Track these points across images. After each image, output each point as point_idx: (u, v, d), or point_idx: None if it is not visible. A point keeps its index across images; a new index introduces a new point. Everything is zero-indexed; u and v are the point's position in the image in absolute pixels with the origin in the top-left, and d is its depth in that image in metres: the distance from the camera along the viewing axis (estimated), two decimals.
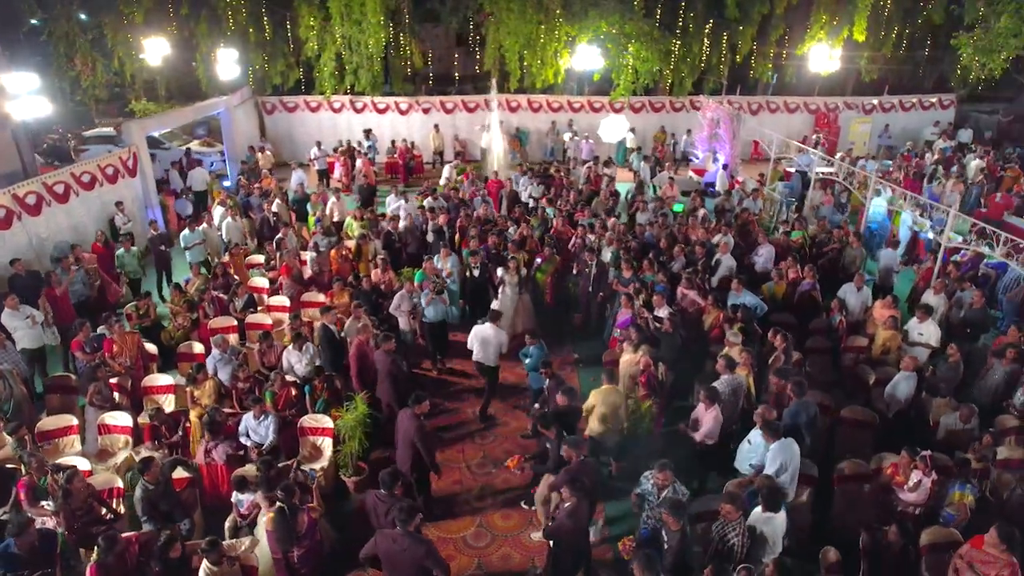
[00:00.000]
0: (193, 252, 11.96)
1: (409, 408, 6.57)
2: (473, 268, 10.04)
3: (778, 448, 6.25)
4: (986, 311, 9.38)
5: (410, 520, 5.04)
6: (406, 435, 6.56)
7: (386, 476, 5.61)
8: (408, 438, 6.53)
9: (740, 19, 20.11)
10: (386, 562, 5.19)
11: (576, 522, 5.61)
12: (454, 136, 21.56)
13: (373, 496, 5.67)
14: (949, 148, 19.42)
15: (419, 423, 6.50)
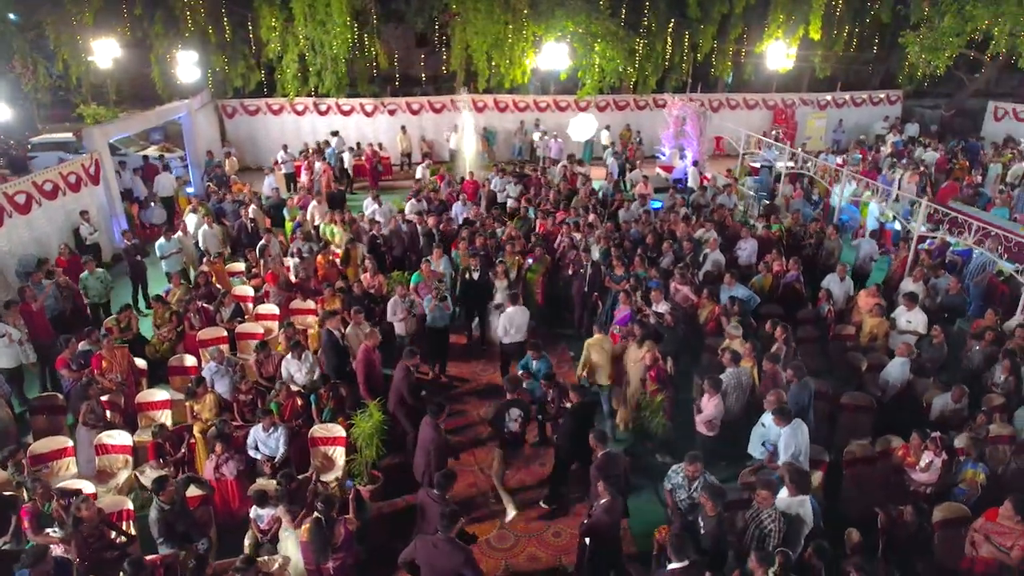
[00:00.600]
0: (170, 262, 11.53)
1: (432, 418, 6.53)
2: (473, 271, 9.95)
3: (790, 432, 6.44)
4: (962, 296, 9.85)
5: (452, 526, 5.02)
6: (423, 443, 6.52)
7: (441, 478, 5.63)
8: (425, 446, 6.50)
9: (701, 18, 20.58)
10: (425, 567, 5.14)
11: (611, 518, 5.66)
12: (421, 137, 21.40)
13: (425, 495, 5.69)
14: (901, 142, 20.29)
15: (437, 434, 6.49)
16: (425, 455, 6.48)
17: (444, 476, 5.68)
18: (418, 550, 5.12)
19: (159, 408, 7.96)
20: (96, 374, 7.94)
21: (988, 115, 22.44)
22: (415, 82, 23.71)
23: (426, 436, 6.49)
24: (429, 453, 6.45)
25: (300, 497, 6.21)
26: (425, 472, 6.53)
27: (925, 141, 19.69)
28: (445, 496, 5.57)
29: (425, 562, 5.08)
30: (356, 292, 10.07)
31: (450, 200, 14.68)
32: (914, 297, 9.11)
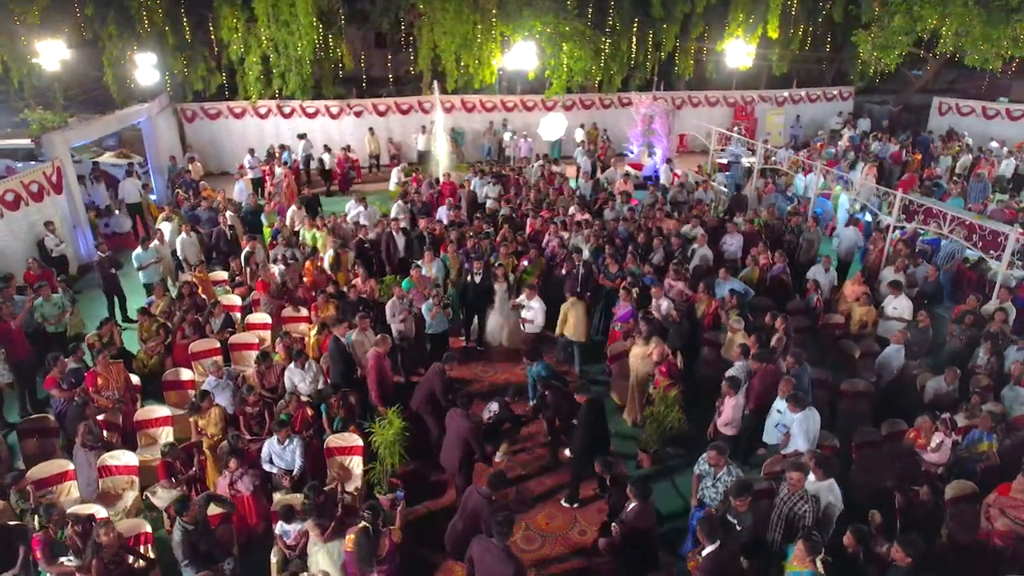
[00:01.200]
0: (148, 272, 11.07)
1: (459, 408, 6.53)
2: (475, 273, 9.88)
3: (803, 417, 6.64)
4: (939, 284, 10.30)
5: (508, 534, 5.04)
6: (457, 434, 6.51)
7: (494, 477, 5.68)
8: (460, 436, 6.51)
9: (664, 17, 20.92)
10: (479, 566, 5.15)
11: (643, 523, 5.71)
12: (388, 139, 21.15)
13: (475, 492, 5.72)
14: (857, 136, 21.10)
15: (473, 422, 6.56)
16: (460, 447, 6.49)
17: (496, 476, 5.76)
18: (473, 549, 5.15)
19: (159, 425, 7.65)
20: (91, 392, 7.57)
21: (933, 110, 23.55)
22: (381, 83, 23.39)
23: (459, 428, 6.51)
24: (464, 444, 6.47)
25: (328, 510, 6.07)
26: (461, 465, 6.55)
27: (879, 135, 20.50)
28: (493, 497, 5.61)
29: (480, 562, 5.10)
30: (350, 298, 9.89)
31: (431, 202, 14.59)
32: (898, 285, 9.49)
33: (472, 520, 5.69)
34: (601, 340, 10.53)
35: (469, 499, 5.77)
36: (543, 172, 16.20)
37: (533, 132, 20.89)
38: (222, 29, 18.45)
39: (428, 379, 7.50)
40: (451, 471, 6.77)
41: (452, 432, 6.63)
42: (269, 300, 10.07)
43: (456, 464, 6.61)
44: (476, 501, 5.67)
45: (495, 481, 5.76)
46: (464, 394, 6.78)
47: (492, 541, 4.99)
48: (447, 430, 6.76)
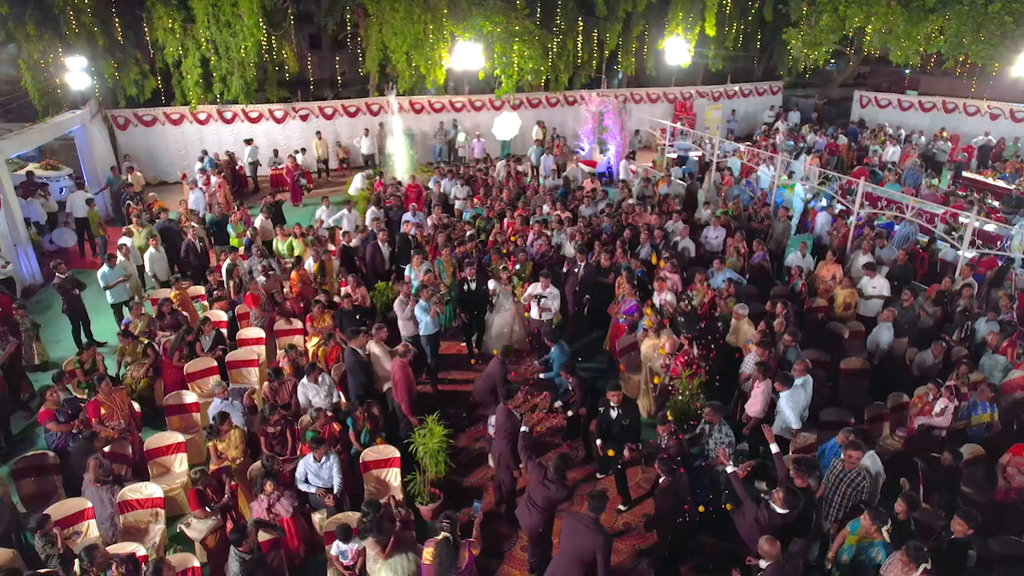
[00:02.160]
0: (115, 291, 10.38)
1: (506, 404, 6.52)
2: (470, 280, 9.77)
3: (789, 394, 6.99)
4: (908, 266, 11.02)
5: (601, 508, 5.29)
6: (505, 430, 6.53)
7: (559, 460, 5.86)
8: (509, 432, 6.53)
9: (607, 16, 21.35)
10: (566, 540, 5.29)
11: (676, 498, 5.88)
12: (336, 143, 20.61)
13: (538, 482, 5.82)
14: (794, 129, 22.25)
15: (518, 420, 6.56)
16: (508, 442, 6.53)
17: (562, 459, 5.88)
18: (564, 522, 5.32)
19: (172, 453, 7.19)
20: (94, 423, 7.03)
21: (855, 103, 25.15)
22: (327, 85, 22.73)
23: (505, 424, 6.55)
24: (511, 440, 6.52)
25: (386, 526, 5.89)
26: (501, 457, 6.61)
27: (815, 127, 21.71)
28: (563, 480, 5.75)
29: (568, 535, 5.24)
30: (346, 307, 9.59)
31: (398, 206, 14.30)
32: (873, 265, 10.13)
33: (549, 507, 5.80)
34: (598, 336, 10.72)
35: (540, 491, 5.78)
36: (509, 171, 16.20)
37: (482, 132, 20.91)
38: (156, 30, 17.42)
39: (491, 371, 7.45)
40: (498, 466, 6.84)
41: (499, 428, 6.69)
42: (260, 314, 9.63)
43: (506, 463, 6.68)
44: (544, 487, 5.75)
45: (560, 464, 5.83)
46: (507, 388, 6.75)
47: (586, 513, 5.21)
48: (495, 426, 6.82)
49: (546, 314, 9.60)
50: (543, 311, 9.59)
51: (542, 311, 9.59)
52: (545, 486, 5.76)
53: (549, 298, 9.62)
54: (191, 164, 18.59)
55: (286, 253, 11.87)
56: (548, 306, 9.61)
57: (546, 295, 9.58)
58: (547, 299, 9.58)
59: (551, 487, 5.74)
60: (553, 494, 5.73)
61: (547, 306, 9.63)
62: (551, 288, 9.60)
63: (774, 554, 4.91)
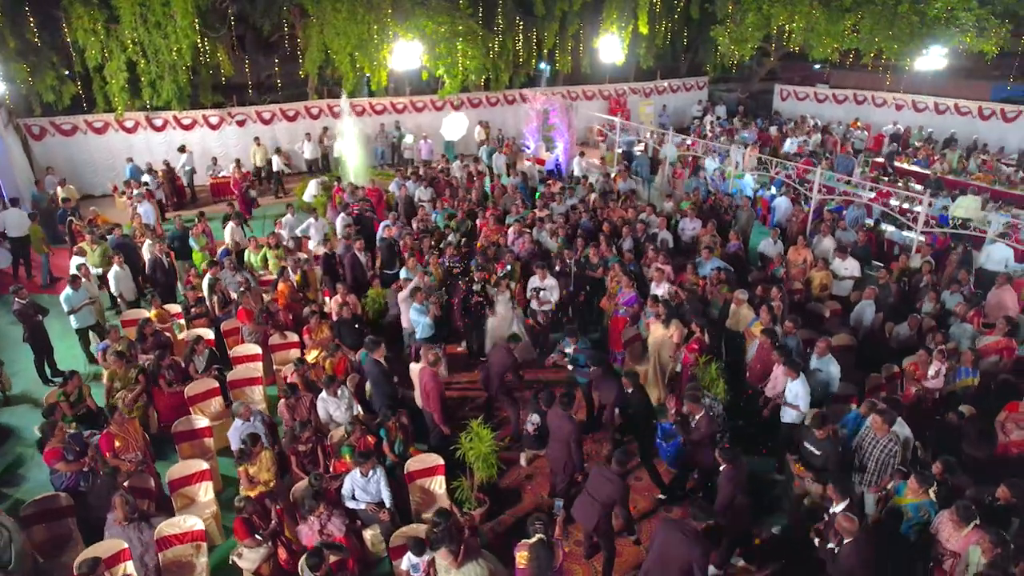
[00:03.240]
0: (81, 315, 9.58)
1: (563, 409, 6.52)
2: (476, 283, 9.68)
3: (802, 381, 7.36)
4: (867, 247, 11.83)
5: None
6: (560, 434, 6.56)
7: (621, 455, 5.91)
8: (564, 437, 6.54)
9: (545, 15, 21.63)
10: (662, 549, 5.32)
11: (738, 486, 6.11)
12: (276, 148, 19.77)
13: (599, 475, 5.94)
14: (726, 122, 23.34)
15: (575, 424, 6.55)
16: (565, 446, 6.53)
17: (623, 453, 5.94)
18: (658, 532, 5.36)
19: (196, 482, 6.75)
20: (109, 457, 6.49)
21: (776, 96, 26.68)
22: (264, 89, 21.77)
23: (562, 428, 6.53)
24: (568, 445, 6.52)
25: (455, 535, 5.79)
26: (567, 464, 6.59)
27: (745, 121, 22.85)
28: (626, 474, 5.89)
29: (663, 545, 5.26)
30: (346, 316, 9.30)
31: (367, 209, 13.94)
32: (844, 249, 10.83)
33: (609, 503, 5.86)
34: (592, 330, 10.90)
35: (603, 485, 5.85)
36: (470, 171, 16.12)
37: (428, 133, 20.69)
38: (76, 31, 16.12)
39: (499, 363, 7.37)
40: (556, 469, 6.80)
41: (555, 431, 6.66)
42: (255, 329, 9.18)
43: (561, 463, 6.67)
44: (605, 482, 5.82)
45: (623, 457, 5.92)
46: (567, 393, 6.72)
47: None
48: (550, 430, 6.77)
49: (545, 306, 9.64)
50: (542, 304, 9.63)
51: (541, 304, 9.64)
52: (608, 481, 5.84)
53: (548, 290, 9.67)
54: (119, 175, 17.43)
55: (259, 265, 11.34)
56: (547, 298, 9.66)
57: (544, 287, 9.65)
58: (546, 291, 9.63)
59: (614, 482, 5.82)
60: (616, 489, 5.80)
61: (546, 299, 9.69)
62: (548, 279, 9.66)
63: (853, 531, 5.19)
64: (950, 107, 21.93)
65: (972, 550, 5.28)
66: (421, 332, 8.96)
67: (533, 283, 9.73)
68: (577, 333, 8.51)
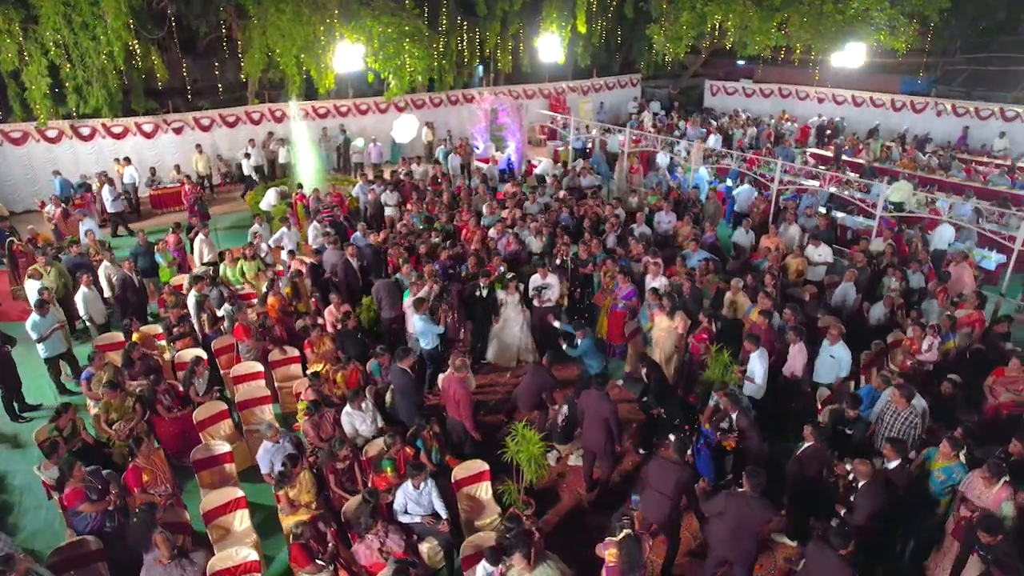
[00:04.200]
0: (51, 343, 8.82)
1: (598, 390, 6.62)
2: (483, 288, 9.58)
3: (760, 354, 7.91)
4: (829, 232, 12.55)
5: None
6: (599, 415, 6.67)
7: (679, 443, 6.04)
8: (602, 418, 6.65)
9: (487, 15, 21.63)
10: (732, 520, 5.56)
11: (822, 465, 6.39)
12: (217, 156, 18.86)
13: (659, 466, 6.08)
14: (663, 118, 24.10)
15: (614, 404, 6.70)
16: (604, 429, 6.68)
17: (681, 441, 6.10)
18: (728, 506, 5.53)
19: (231, 510, 6.37)
20: (137, 493, 6.02)
21: (706, 92, 27.79)
22: (201, 94, 20.62)
23: (600, 410, 6.66)
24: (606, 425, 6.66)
25: (527, 538, 5.76)
26: (606, 446, 6.73)
27: (688, 116, 23.69)
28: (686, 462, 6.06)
29: (735, 516, 5.47)
30: (349, 327, 9.02)
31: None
32: (817, 235, 11.46)
33: (676, 494, 5.99)
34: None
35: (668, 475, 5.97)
36: (435, 173, 15.93)
37: (373, 136, 20.27)
38: None
39: (536, 383, 7.33)
40: (597, 453, 6.93)
41: (593, 414, 6.75)
42: (254, 345, 8.74)
43: (602, 445, 6.81)
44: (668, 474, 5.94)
45: (680, 446, 6.09)
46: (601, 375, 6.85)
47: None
48: (585, 413, 6.87)
49: (547, 304, 9.69)
50: (544, 302, 9.67)
51: (543, 302, 9.67)
52: (671, 472, 5.97)
53: (550, 288, 9.73)
54: (43, 190, 16.13)
55: (237, 279, 10.79)
56: (549, 296, 9.71)
57: (548, 284, 9.69)
58: (548, 289, 9.68)
59: (678, 472, 5.96)
60: (681, 478, 5.94)
61: (548, 296, 9.74)
62: (550, 276, 9.71)
63: (868, 473, 5.58)
64: (866, 100, 23.60)
65: (1005, 504, 5.76)
66: (430, 343, 8.80)
67: (535, 282, 9.74)
68: (586, 327, 8.59)
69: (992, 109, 20.95)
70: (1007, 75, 22.87)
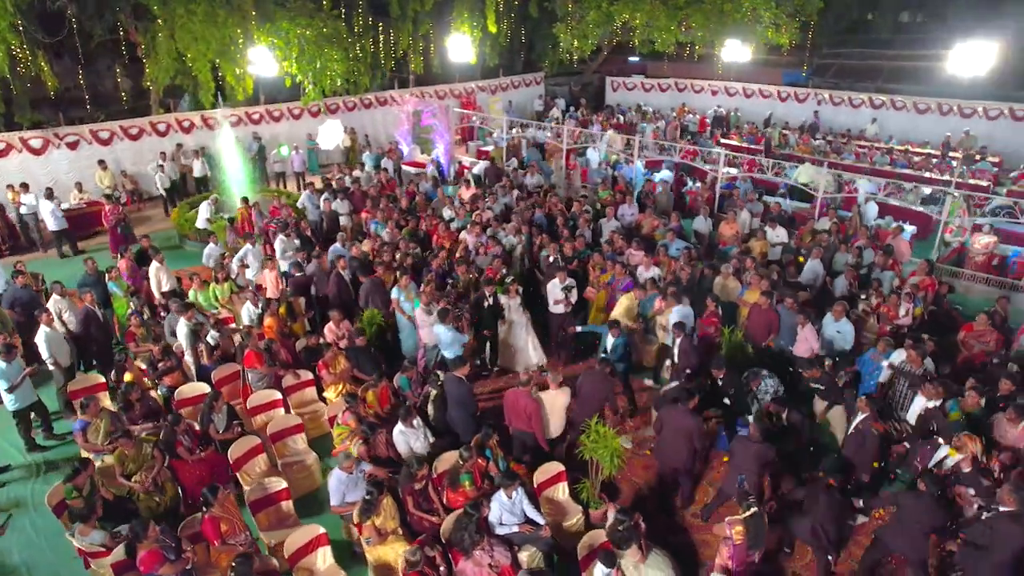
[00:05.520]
0: (21, 393, 7.72)
1: (680, 405, 6.77)
2: (488, 296, 9.43)
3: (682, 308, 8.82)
4: (781, 215, 13.55)
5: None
6: (683, 430, 6.76)
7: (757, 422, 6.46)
8: (687, 433, 6.76)
9: (399, 16, 21.20)
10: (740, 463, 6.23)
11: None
12: (121, 172, 17.11)
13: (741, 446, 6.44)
14: (575, 116, 24.78)
15: (698, 420, 6.83)
16: (687, 442, 6.78)
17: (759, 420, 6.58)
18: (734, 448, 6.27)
19: (313, 549, 5.93)
20: (217, 546, 5.45)
21: (607, 87, 28.87)
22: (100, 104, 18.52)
23: (684, 425, 6.76)
24: (689, 439, 6.78)
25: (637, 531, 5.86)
26: (688, 460, 6.84)
27: (597, 115, 24.50)
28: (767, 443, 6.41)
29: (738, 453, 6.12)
30: (359, 344, 8.62)
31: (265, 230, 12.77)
32: (774, 219, 12.37)
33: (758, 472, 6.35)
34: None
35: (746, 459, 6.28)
36: (381, 179, 15.43)
37: (295, 144, 19.26)
38: None
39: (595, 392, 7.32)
40: (680, 468, 7.01)
41: (675, 428, 6.80)
42: (266, 371, 8.12)
43: (683, 462, 6.91)
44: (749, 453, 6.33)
45: (760, 425, 6.46)
46: (686, 388, 6.96)
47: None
48: (666, 428, 6.93)
49: (561, 306, 9.77)
50: (557, 303, 9.73)
51: (556, 303, 9.73)
52: (750, 450, 6.30)
53: (571, 289, 9.74)
54: None
55: (210, 304, 9.94)
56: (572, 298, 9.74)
57: (572, 285, 9.70)
58: (573, 291, 9.73)
59: (757, 449, 6.30)
60: (764, 452, 6.30)
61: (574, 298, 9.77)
62: (568, 279, 9.74)
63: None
64: (756, 91, 25.63)
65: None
66: (455, 352, 8.62)
67: (556, 286, 9.66)
68: (617, 326, 8.76)
69: (863, 98, 23.49)
70: (868, 68, 25.70)
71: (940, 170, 17.95)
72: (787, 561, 6.53)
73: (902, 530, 5.90)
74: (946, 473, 6.56)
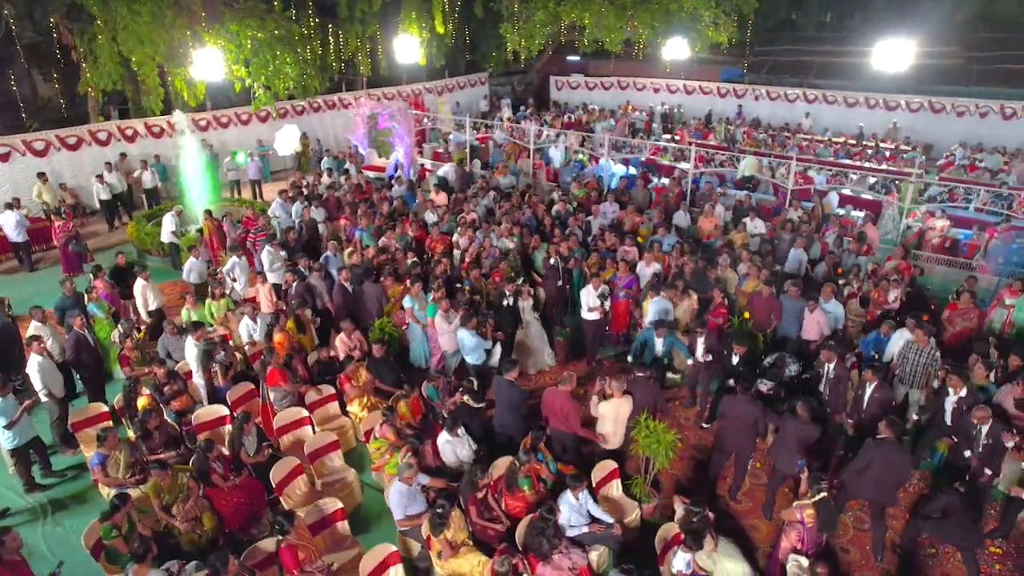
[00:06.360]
0: (20, 429, 7.07)
1: (745, 393, 6.97)
2: (507, 297, 9.33)
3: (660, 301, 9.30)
4: (751, 206, 14.08)
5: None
6: (747, 420, 6.95)
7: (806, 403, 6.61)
8: (750, 423, 6.95)
9: (348, 17, 20.69)
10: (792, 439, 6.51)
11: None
12: (60, 185, 15.91)
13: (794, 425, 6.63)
14: (523, 115, 24.88)
15: (760, 406, 7.01)
16: (751, 431, 7.01)
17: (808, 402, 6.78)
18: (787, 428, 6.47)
19: (386, 568, 5.74)
20: (297, 574, 5.18)
21: (552, 87, 29.14)
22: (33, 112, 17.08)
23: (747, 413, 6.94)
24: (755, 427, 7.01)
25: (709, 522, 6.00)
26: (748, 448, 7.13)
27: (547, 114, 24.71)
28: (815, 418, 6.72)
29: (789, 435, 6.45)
30: (377, 355, 8.41)
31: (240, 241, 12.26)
32: (752, 210, 12.86)
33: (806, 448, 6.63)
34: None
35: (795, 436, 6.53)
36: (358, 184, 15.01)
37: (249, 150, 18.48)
38: None
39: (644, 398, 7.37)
40: (738, 456, 7.21)
41: (739, 416, 6.96)
42: (290, 389, 7.78)
43: (744, 449, 7.13)
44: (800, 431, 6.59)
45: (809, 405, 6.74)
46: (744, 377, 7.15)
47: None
48: (727, 417, 7.09)
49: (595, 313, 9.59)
50: (591, 310, 9.54)
51: (590, 310, 9.54)
52: (802, 430, 6.56)
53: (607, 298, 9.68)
54: None
55: (207, 322, 9.42)
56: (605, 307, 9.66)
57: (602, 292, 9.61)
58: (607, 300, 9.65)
59: (807, 427, 6.56)
60: (810, 432, 6.56)
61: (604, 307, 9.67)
62: (603, 286, 9.61)
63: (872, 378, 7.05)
64: (696, 88, 26.52)
65: None
66: (478, 358, 8.52)
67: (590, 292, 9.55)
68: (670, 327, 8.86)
69: (797, 93, 24.75)
70: (798, 64, 27.09)
71: (878, 160, 19.16)
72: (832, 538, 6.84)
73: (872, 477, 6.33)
74: None
